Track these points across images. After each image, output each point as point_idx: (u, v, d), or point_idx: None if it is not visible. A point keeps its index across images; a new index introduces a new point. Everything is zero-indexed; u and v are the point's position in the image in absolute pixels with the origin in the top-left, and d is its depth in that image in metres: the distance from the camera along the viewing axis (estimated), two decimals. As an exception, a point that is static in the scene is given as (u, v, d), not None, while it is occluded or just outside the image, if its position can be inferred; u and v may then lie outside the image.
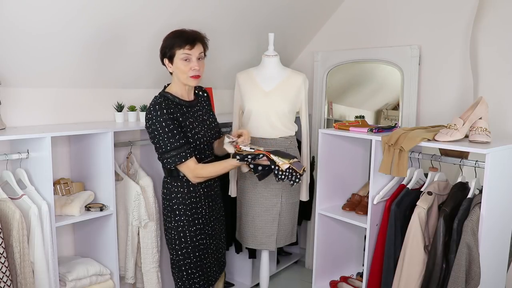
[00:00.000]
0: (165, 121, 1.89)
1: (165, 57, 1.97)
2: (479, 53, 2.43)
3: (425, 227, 1.99)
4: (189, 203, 2.03)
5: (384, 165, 2.09)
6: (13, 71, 2.08)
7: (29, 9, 1.87)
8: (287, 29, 3.09)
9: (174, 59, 1.94)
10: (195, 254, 2.05)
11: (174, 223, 2.03)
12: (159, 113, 1.89)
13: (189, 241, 2.03)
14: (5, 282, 1.78)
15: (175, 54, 1.93)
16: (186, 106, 2.02)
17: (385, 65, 2.96)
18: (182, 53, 1.92)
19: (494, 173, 1.84)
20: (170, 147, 1.90)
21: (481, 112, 1.99)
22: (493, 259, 1.99)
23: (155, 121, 1.89)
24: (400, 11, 2.90)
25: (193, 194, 2.05)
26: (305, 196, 2.62)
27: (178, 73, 1.96)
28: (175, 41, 1.93)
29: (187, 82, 1.97)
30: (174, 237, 2.04)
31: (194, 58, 1.94)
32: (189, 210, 2.03)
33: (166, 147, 1.90)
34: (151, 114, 1.91)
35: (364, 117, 3.12)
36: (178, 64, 1.93)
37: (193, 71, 1.94)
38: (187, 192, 2.03)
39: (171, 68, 1.97)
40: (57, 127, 2.23)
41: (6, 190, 1.95)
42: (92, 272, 2.20)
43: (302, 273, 3.40)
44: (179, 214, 2.02)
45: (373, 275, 2.19)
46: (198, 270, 2.07)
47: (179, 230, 2.03)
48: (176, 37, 1.94)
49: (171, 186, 2.04)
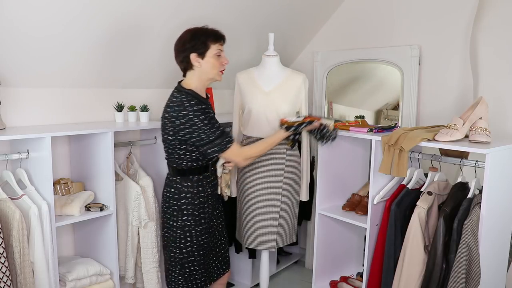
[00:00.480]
0: (202, 114, 1.89)
1: (195, 52, 1.94)
2: (479, 53, 2.43)
3: (425, 227, 1.99)
4: (198, 203, 2.05)
5: (384, 165, 2.09)
6: (13, 71, 2.08)
7: (29, 9, 1.87)
8: (287, 29, 3.09)
9: (206, 54, 1.94)
10: (199, 253, 2.06)
11: (181, 222, 2.03)
12: (195, 108, 1.88)
13: (194, 240, 2.04)
14: (5, 282, 1.78)
15: (209, 49, 1.94)
16: (205, 103, 1.99)
17: (385, 65, 2.96)
18: (217, 48, 1.96)
19: (494, 173, 1.84)
20: (213, 136, 1.91)
21: (481, 112, 1.99)
22: (493, 259, 1.99)
23: (192, 116, 1.87)
24: (400, 11, 2.90)
25: (202, 194, 2.06)
26: (305, 196, 2.62)
27: (207, 69, 1.96)
28: (208, 37, 1.94)
29: (215, 77, 2.01)
30: (180, 235, 2.04)
31: (223, 54, 2.01)
32: (196, 210, 2.04)
33: (209, 137, 1.90)
34: (186, 110, 1.87)
35: (364, 117, 3.12)
36: (211, 59, 1.95)
37: (223, 66, 2.01)
38: (197, 192, 2.04)
39: (199, 63, 1.95)
40: (57, 127, 2.23)
41: (6, 190, 1.95)
42: (92, 272, 2.20)
43: (302, 273, 3.40)
44: (187, 213, 2.03)
45: (373, 275, 2.20)
46: (201, 268, 2.08)
47: (185, 229, 2.03)
48: (207, 33, 1.96)
49: (181, 186, 2.03)
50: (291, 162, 2.49)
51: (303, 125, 2.13)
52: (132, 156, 2.53)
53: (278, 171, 2.46)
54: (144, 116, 2.54)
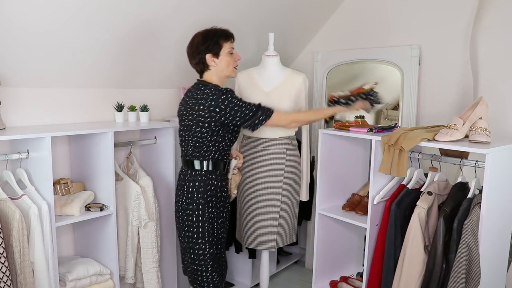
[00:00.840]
0: (236, 98, 2.00)
1: (209, 53, 2.03)
2: (479, 53, 2.43)
3: (425, 227, 1.99)
4: (220, 196, 2.13)
5: (384, 165, 2.09)
6: (13, 71, 2.08)
7: (28, 8, 1.87)
8: (287, 29, 3.09)
9: (220, 53, 2.03)
10: (217, 247, 2.15)
11: (208, 215, 2.07)
12: (229, 90, 2.00)
13: (215, 233, 2.12)
14: (5, 282, 1.78)
15: (222, 47, 2.03)
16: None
17: (385, 65, 2.96)
18: (229, 46, 2.05)
19: (494, 173, 1.84)
20: (255, 109, 2.02)
21: (481, 112, 1.99)
22: (493, 259, 1.99)
23: (230, 98, 1.98)
24: (400, 11, 2.90)
25: (221, 188, 2.14)
26: (305, 196, 2.62)
27: (223, 66, 2.06)
28: (220, 36, 2.04)
29: (231, 74, 2.11)
30: (208, 228, 2.07)
31: (235, 51, 2.10)
32: (218, 203, 2.13)
33: (252, 110, 2.01)
34: (224, 95, 1.97)
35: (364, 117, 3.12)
36: (225, 57, 2.05)
37: (236, 62, 2.10)
38: (220, 186, 2.13)
39: (215, 63, 2.04)
40: (57, 127, 2.23)
41: (6, 190, 1.95)
42: (92, 272, 2.20)
43: (302, 273, 3.40)
44: (211, 206, 2.08)
45: (373, 275, 2.19)
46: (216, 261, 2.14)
47: (211, 221, 2.09)
48: (218, 32, 2.05)
49: (207, 178, 2.07)
50: (291, 162, 2.49)
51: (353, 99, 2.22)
52: (132, 156, 2.53)
53: (278, 171, 2.47)
54: (144, 116, 2.54)
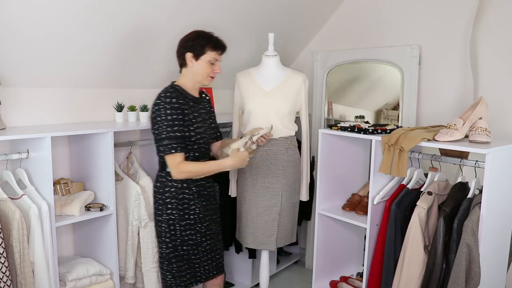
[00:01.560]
0: (170, 109, 1.93)
1: (191, 52, 2.01)
2: (479, 53, 2.43)
3: (425, 227, 1.99)
4: (181, 198, 2.07)
5: (384, 165, 2.09)
6: (13, 71, 2.08)
7: (29, 8, 1.87)
8: (287, 29, 3.09)
9: (201, 58, 2.01)
10: (183, 248, 2.08)
11: (165, 216, 2.06)
12: (168, 101, 1.94)
13: (178, 234, 2.07)
14: (5, 282, 1.78)
15: (204, 53, 2.01)
16: (193, 101, 2.08)
17: (385, 65, 2.96)
18: (213, 56, 2.02)
19: (494, 173, 1.84)
20: (165, 135, 1.93)
21: (481, 112, 1.99)
22: (493, 259, 1.99)
23: (161, 107, 1.93)
24: (400, 11, 2.90)
25: (186, 191, 2.08)
26: (305, 196, 2.62)
27: (197, 71, 2.03)
28: (208, 43, 2.01)
29: (204, 82, 2.07)
30: (165, 230, 2.07)
31: (218, 63, 2.06)
32: (180, 205, 2.07)
33: (162, 134, 1.94)
34: (160, 100, 1.95)
35: (364, 117, 3.13)
36: (203, 64, 2.02)
37: (214, 73, 2.06)
38: (181, 187, 2.06)
39: (192, 64, 2.02)
40: (57, 127, 2.23)
41: (6, 190, 1.95)
42: (92, 272, 2.20)
43: (302, 273, 3.40)
44: (171, 207, 2.05)
45: (373, 275, 2.19)
46: (185, 264, 2.10)
47: (169, 223, 2.06)
48: (209, 39, 2.03)
49: (166, 180, 2.06)
50: (291, 162, 2.49)
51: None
52: (132, 156, 2.53)
53: (278, 171, 2.47)
54: (144, 116, 2.54)
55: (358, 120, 2.89)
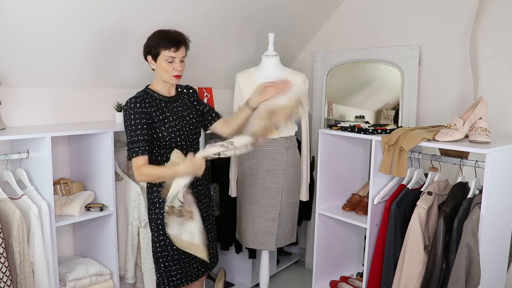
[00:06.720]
0: (134, 114, 1.93)
1: (149, 55, 2.01)
2: (479, 53, 2.43)
3: (425, 227, 1.99)
4: None
5: (384, 165, 2.09)
6: (13, 71, 2.08)
7: (28, 8, 1.87)
8: (287, 29, 3.09)
9: (158, 58, 1.99)
10: (172, 247, 2.06)
11: (154, 215, 2.06)
12: (132, 106, 1.95)
13: (166, 234, 2.04)
14: (5, 282, 1.78)
15: (159, 53, 1.98)
16: (164, 101, 2.06)
17: (385, 65, 2.96)
18: (167, 55, 1.97)
19: (494, 173, 1.84)
20: (130, 139, 1.94)
21: (481, 112, 2.00)
22: (493, 259, 1.99)
23: (127, 112, 1.95)
24: (400, 11, 2.90)
25: None
26: (305, 196, 2.62)
27: (160, 71, 2.01)
28: (161, 42, 1.97)
29: (168, 81, 2.03)
30: (154, 229, 2.07)
31: (178, 60, 1.99)
32: None
33: (127, 138, 1.96)
34: (126, 106, 1.97)
35: (364, 117, 3.13)
36: (162, 63, 1.99)
37: (175, 71, 2.00)
38: None
39: (154, 65, 2.02)
40: (57, 127, 2.23)
41: (6, 190, 1.95)
42: (92, 272, 2.20)
43: (302, 273, 3.40)
44: (159, 207, 2.04)
45: (373, 275, 2.20)
46: (175, 264, 2.08)
47: (158, 222, 2.05)
48: (162, 37, 1.98)
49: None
50: (291, 162, 2.49)
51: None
52: (132, 156, 2.53)
53: (278, 171, 2.47)
54: (144, 116, 2.54)
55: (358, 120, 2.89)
